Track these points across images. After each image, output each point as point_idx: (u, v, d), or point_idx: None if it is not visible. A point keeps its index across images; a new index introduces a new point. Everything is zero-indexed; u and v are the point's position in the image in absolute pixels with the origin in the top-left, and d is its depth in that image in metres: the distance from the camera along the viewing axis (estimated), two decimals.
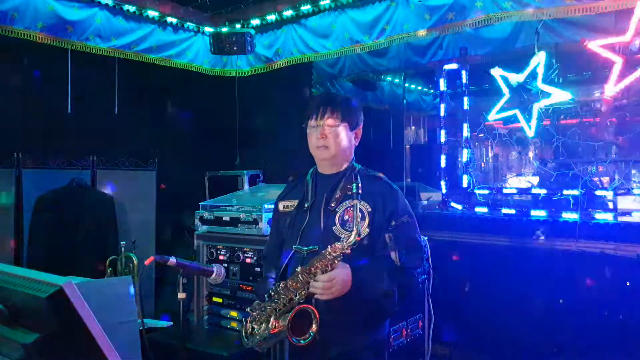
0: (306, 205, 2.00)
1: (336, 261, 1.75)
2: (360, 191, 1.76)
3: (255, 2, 4.88)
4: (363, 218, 1.88)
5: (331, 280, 1.75)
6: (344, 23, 4.70)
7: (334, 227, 1.90)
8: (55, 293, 1.06)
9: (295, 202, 2.05)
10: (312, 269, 1.77)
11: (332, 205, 1.94)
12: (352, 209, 1.88)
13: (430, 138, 8.25)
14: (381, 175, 2.02)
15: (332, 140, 1.95)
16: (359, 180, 1.82)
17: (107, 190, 4.84)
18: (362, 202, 1.89)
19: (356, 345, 1.90)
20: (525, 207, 4.21)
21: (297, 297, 1.79)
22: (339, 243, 1.73)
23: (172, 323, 2.75)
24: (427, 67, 5.53)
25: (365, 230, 1.88)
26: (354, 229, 1.72)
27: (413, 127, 8.34)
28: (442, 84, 4.87)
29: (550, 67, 4.37)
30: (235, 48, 4.93)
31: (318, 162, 2.05)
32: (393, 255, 1.87)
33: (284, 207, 2.10)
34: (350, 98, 2.10)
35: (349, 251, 1.73)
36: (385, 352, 2.07)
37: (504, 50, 4.85)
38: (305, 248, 1.92)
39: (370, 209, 1.90)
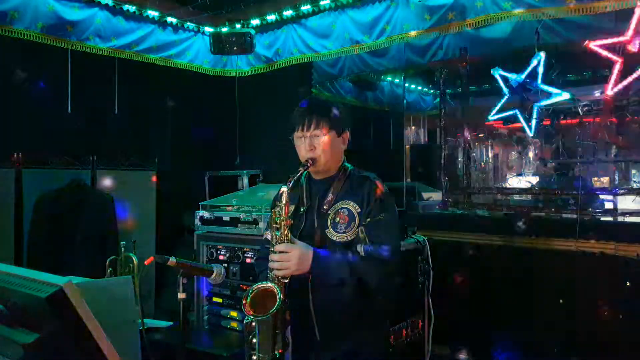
0: (302, 210, 2.02)
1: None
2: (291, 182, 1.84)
3: (255, 2, 4.88)
4: (353, 219, 1.91)
5: (287, 251, 1.79)
6: (344, 23, 4.70)
7: (326, 230, 1.93)
8: (55, 293, 1.06)
9: (292, 207, 2.04)
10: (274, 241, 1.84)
11: (325, 208, 1.96)
12: (342, 211, 1.93)
13: (430, 138, 8.25)
14: (370, 175, 2.02)
15: (321, 150, 1.95)
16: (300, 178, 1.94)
17: (107, 190, 4.83)
18: (352, 204, 1.93)
19: (356, 344, 1.90)
20: (525, 207, 4.20)
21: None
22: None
23: (172, 323, 2.74)
24: (427, 67, 5.52)
25: (356, 231, 1.90)
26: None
27: (413, 127, 8.34)
28: (442, 84, 4.87)
29: (550, 67, 4.37)
30: (235, 48, 4.93)
31: (311, 170, 2.06)
32: (359, 247, 1.87)
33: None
34: (332, 103, 2.10)
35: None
36: (385, 351, 2.08)
37: (504, 50, 4.84)
38: None
39: (359, 210, 1.92)
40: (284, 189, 1.85)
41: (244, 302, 1.78)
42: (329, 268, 1.82)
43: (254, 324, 1.81)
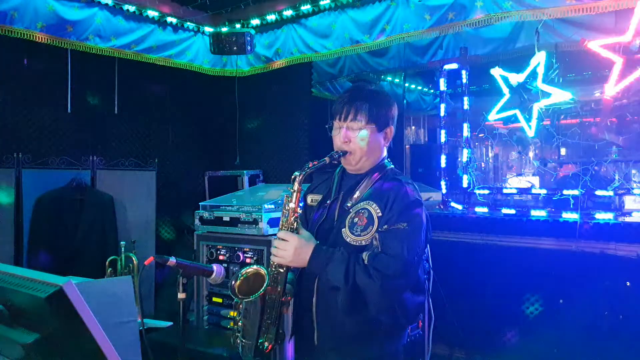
0: (327, 202, 1.91)
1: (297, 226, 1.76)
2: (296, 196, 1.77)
3: (255, 2, 4.88)
4: (372, 223, 1.76)
5: (286, 239, 1.72)
6: (344, 23, 4.70)
7: (343, 229, 1.80)
8: (55, 293, 1.06)
9: (320, 197, 1.96)
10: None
11: (348, 205, 1.83)
12: (363, 212, 1.78)
13: (430, 138, 8.25)
14: (402, 179, 1.84)
15: (357, 144, 1.81)
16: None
17: (107, 190, 4.83)
18: (374, 206, 1.78)
19: (361, 356, 1.81)
20: (525, 207, 4.21)
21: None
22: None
23: (172, 323, 2.75)
24: (427, 67, 5.52)
25: (373, 236, 1.76)
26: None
27: (413, 127, 8.34)
28: (442, 84, 4.86)
29: (550, 67, 4.36)
30: (235, 48, 4.93)
31: (343, 163, 1.91)
32: (364, 254, 1.71)
33: (311, 200, 1.99)
34: (378, 93, 1.91)
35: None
36: None
37: (504, 50, 4.84)
38: None
39: (380, 214, 1.76)
40: (298, 175, 1.76)
41: (232, 282, 1.75)
42: (325, 267, 1.70)
43: (242, 305, 1.78)
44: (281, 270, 1.76)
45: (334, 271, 1.69)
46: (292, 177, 1.77)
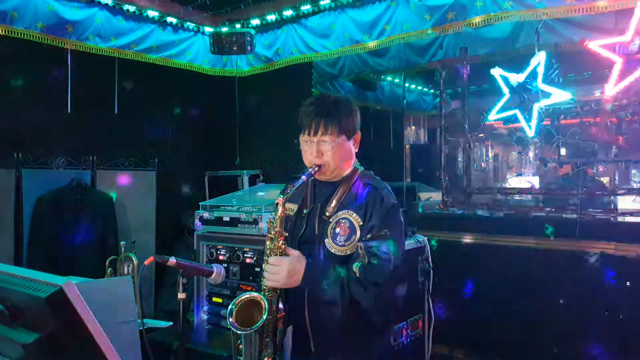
0: (304, 212, 1.91)
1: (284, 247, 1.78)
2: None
3: (255, 2, 4.88)
4: (354, 232, 1.79)
5: (277, 264, 1.74)
6: (344, 23, 4.70)
7: (325, 240, 1.82)
8: (55, 293, 1.06)
9: (296, 207, 1.96)
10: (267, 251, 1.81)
11: (327, 215, 1.84)
12: (343, 221, 1.80)
13: (430, 138, 8.24)
14: (377, 184, 1.88)
15: (330, 157, 1.82)
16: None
17: (107, 190, 4.83)
18: (354, 215, 1.80)
19: (352, 357, 1.85)
20: (525, 207, 4.20)
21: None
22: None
23: (172, 323, 2.75)
24: (427, 67, 5.52)
25: (356, 245, 1.79)
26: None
27: (413, 127, 8.33)
28: (442, 84, 4.86)
29: (550, 67, 4.36)
30: (235, 48, 4.93)
31: (317, 177, 1.91)
32: (355, 266, 1.74)
33: (286, 209, 1.98)
34: (344, 102, 1.90)
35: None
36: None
37: (504, 50, 4.84)
38: None
39: (361, 223, 1.79)
40: (280, 199, 1.78)
41: (230, 319, 1.74)
42: (320, 285, 1.73)
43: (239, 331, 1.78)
44: (275, 293, 1.78)
45: (329, 289, 1.73)
46: (275, 202, 1.80)
